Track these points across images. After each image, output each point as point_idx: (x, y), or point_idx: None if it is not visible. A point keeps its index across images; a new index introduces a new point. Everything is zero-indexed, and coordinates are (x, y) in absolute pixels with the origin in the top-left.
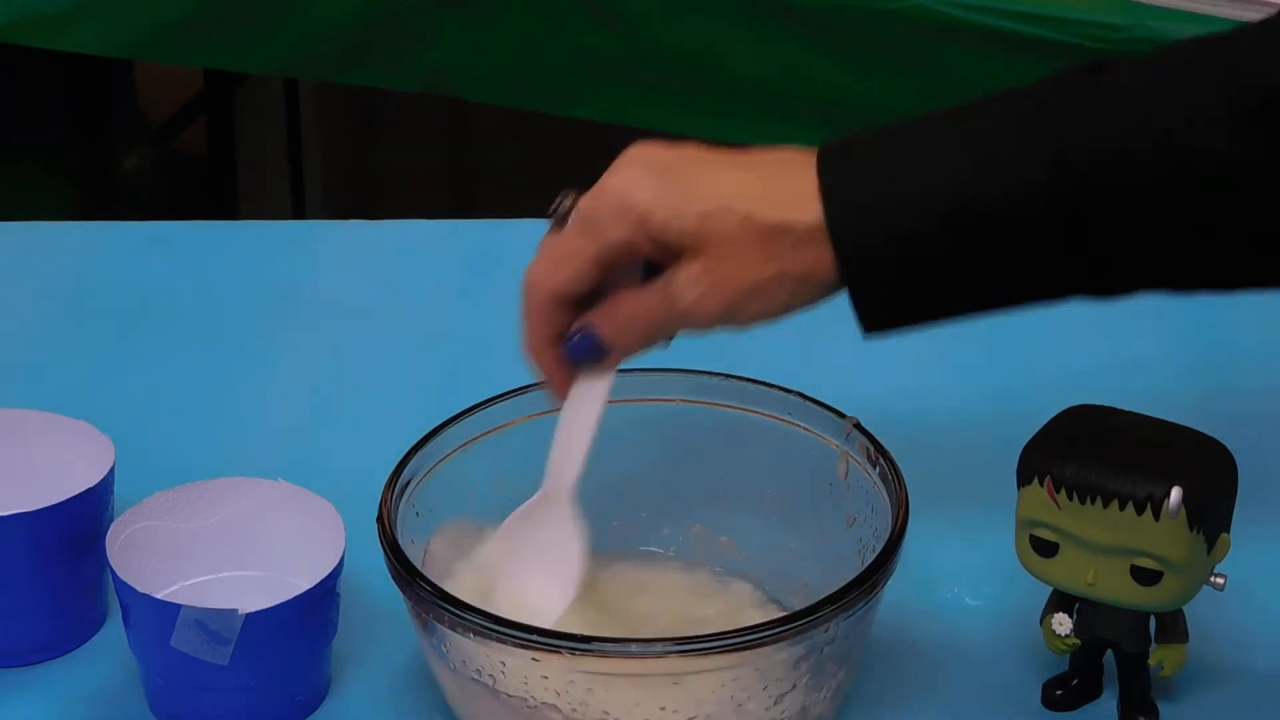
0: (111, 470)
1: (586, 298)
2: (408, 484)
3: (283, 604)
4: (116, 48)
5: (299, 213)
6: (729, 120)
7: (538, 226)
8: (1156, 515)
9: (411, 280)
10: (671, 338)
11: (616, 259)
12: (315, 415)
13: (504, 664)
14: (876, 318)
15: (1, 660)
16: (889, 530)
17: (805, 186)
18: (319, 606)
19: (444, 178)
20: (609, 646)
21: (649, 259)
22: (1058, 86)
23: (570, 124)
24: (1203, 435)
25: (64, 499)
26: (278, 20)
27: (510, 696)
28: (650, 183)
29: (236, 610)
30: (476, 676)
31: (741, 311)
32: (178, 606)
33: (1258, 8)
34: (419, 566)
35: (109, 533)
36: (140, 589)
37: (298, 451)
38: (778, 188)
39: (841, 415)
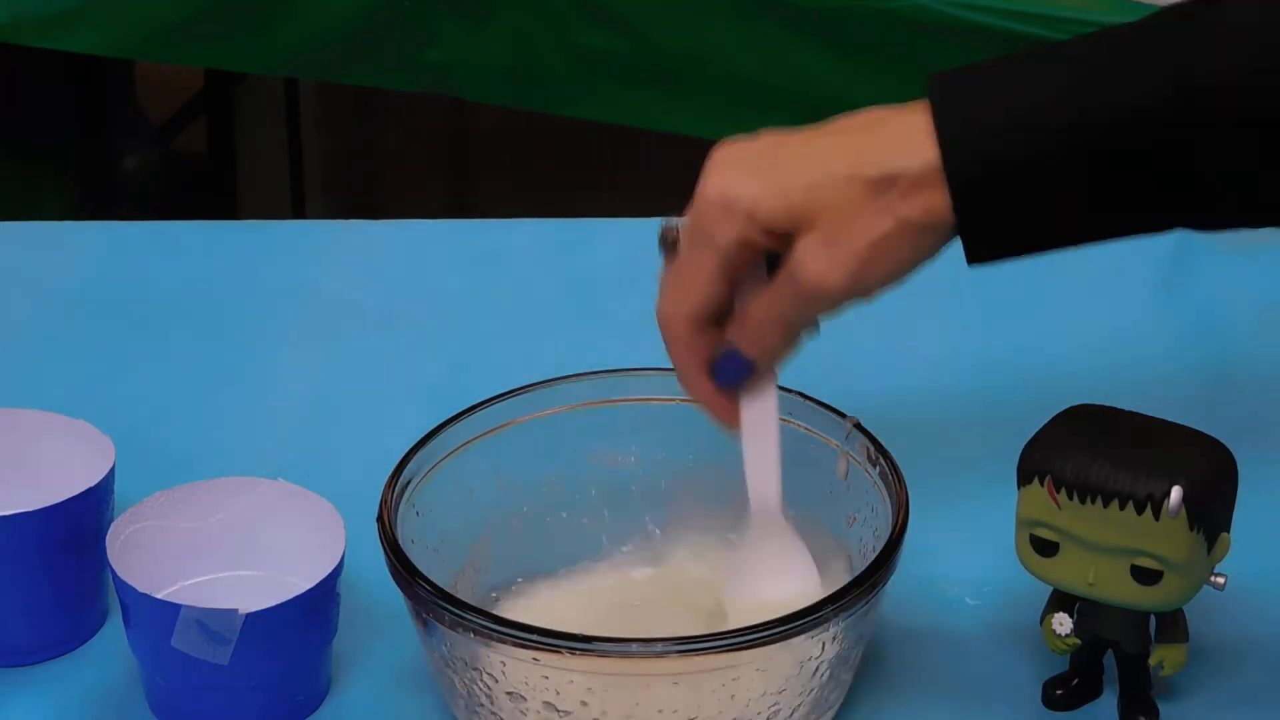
0: (111, 470)
1: (723, 314)
2: (408, 483)
3: (283, 604)
4: (116, 48)
5: (299, 212)
6: (729, 120)
7: (538, 227)
8: (1157, 515)
9: (411, 280)
10: (815, 325)
11: (737, 263)
12: (315, 415)
13: (504, 664)
14: (986, 243)
15: (1, 660)
16: (889, 530)
17: (907, 132)
18: (319, 606)
19: (444, 178)
20: (608, 646)
21: (767, 253)
22: (1172, 16)
23: (570, 124)
24: (1203, 435)
25: (64, 499)
26: (278, 20)
27: (510, 696)
28: (746, 176)
29: (237, 610)
30: (477, 677)
31: (869, 275)
32: (178, 606)
33: None
34: (420, 568)
35: (109, 533)
36: (140, 589)
37: (298, 451)
38: (874, 141)
39: (842, 415)
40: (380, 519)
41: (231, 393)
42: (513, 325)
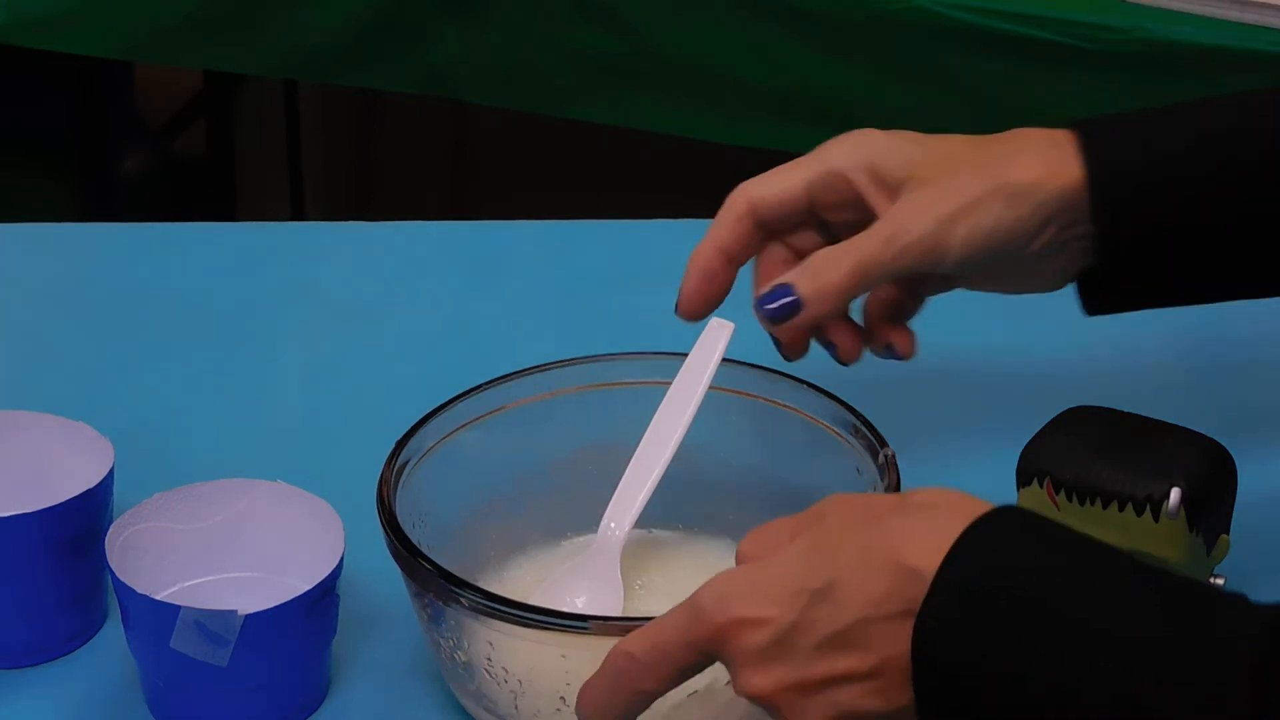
0: (111, 471)
1: (778, 229)
2: (406, 463)
3: (282, 605)
4: (116, 49)
5: (298, 214)
6: (728, 121)
7: (537, 227)
8: (1156, 516)
9: (411, 281)
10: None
11: (828, 188)
12: (315, 415)
13: (491, 644)
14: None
15: (2, 660)
16: None
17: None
18: (318, 607)
19: (444, 178)
20: (602, 624)
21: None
22: None
23: (570, 125)
24: (1202, 437)
25: (64, 500)
26: (277, 21)
27: (506, 674)
28: (891, 136)
29: (236, 611)
30: (472, 655)
31: (953, 229)
32: (177, 607)
33: (1256, 10)
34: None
35: (108, 534)
36: (140, 590)
37: (297, 451)
38: (1011, 157)
39: (883, 444)
40: (380, 495)
41: (231, 394)
42: (511, 326)
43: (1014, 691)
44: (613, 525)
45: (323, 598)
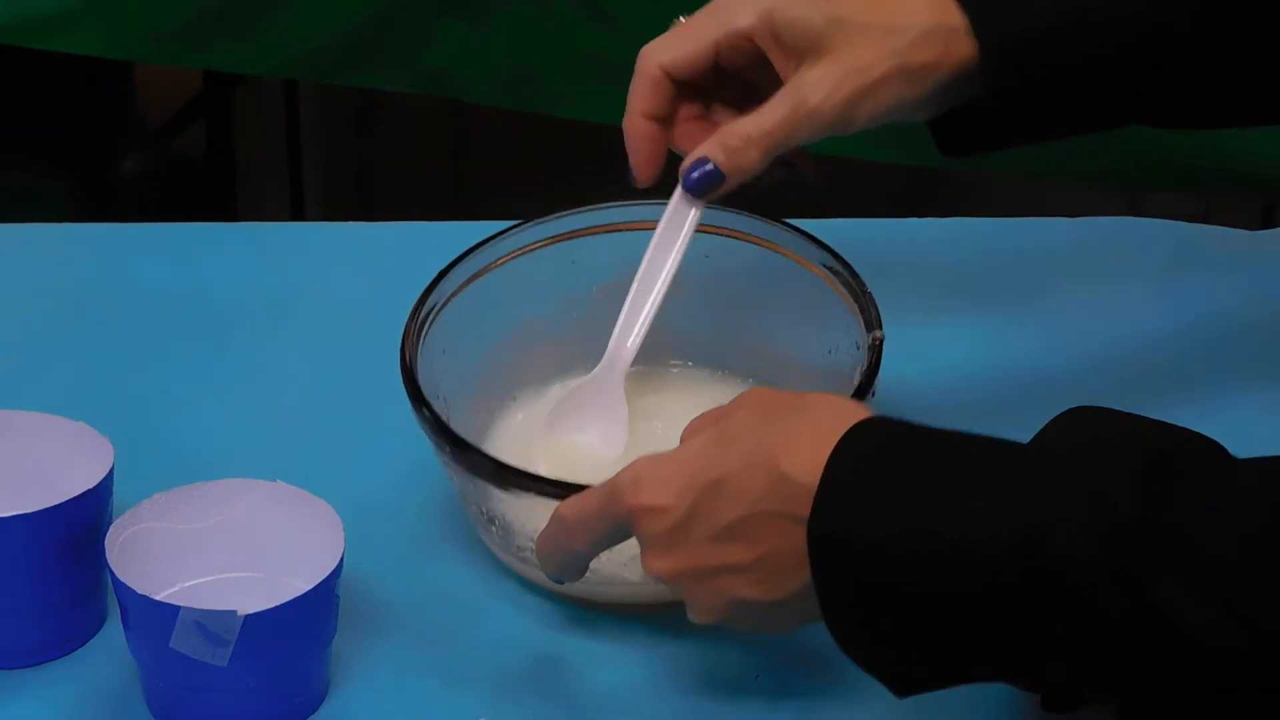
0: (111, 471)
1: (692, 89)
2: (427, 317)
3: (282, 605)
4: (116, 49)
5: (298, 214)
6: None
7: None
8: None
9: (411, 282)
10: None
11: (733, 48)
12: (315, 416)
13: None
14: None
15: (1, 660)
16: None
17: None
18: (318, 608)
19: (444, 179)
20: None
21: (755, 60)
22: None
23: (570, 126)
24: (1202, 436)
25: (64, 500)
26: (277, 22)
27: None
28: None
29: (235, 612)
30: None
31: (859, 108)
32: (177, 608)
33: None
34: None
35: (108, 534)
36: (139, 590)
37: (298, 452)
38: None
39: (877, 325)
40: (402, 355)
41: (231, 394)
42: None
43: (911, 555)
44: (617, 352)
45: (323, 598)
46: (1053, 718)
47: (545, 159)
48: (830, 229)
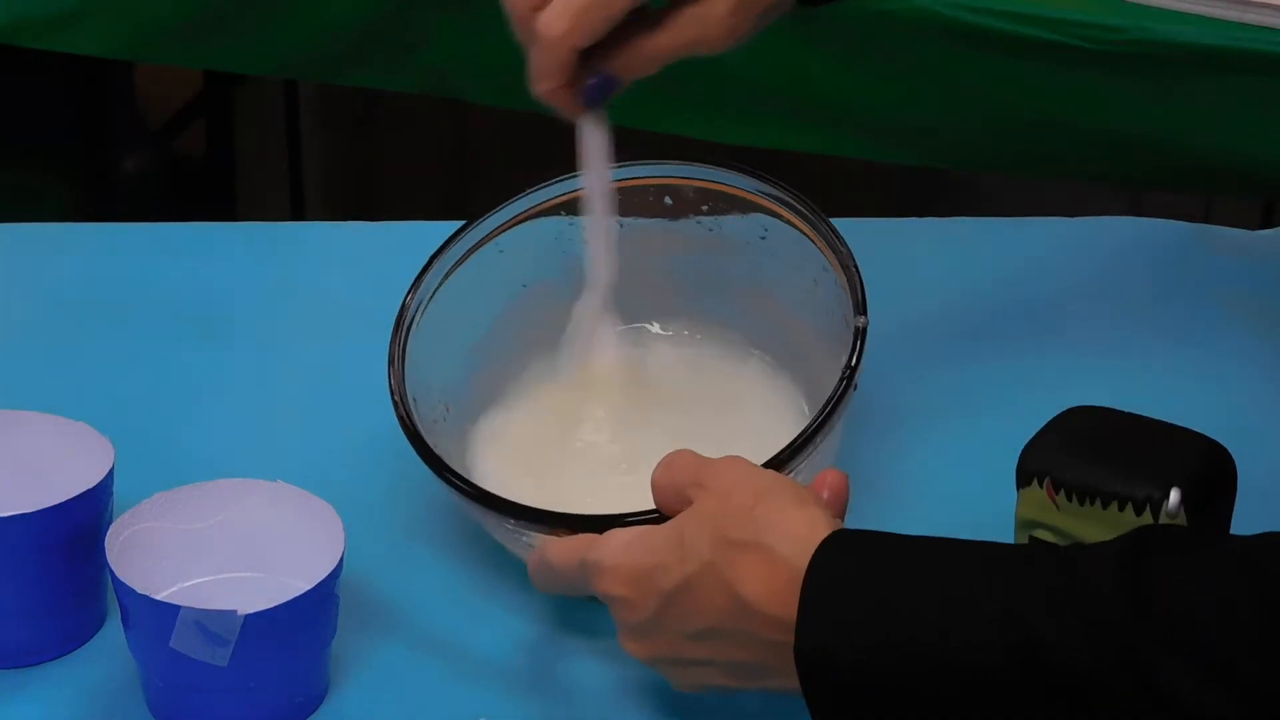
0: (111, 471)
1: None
2: (409, 328)
3: (282, 605)
4: (116, 49)
5: (298, 214)
6: (728, 120)
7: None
8: (1156, 516)
9: (411, 281)
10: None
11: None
12: (314, 416)
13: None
14: None
15: (1, 660)
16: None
17: None
18: (318, 608)
19: (443, 178)
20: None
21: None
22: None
23: (569, 125)
24: (1202, 437)
25: (64, 499)
26: (277, 22)
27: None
28: None
29: (235, 611)
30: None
31: (752, 31)
32: (177, 608)
33: (1257, 10)
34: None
35: (108, 534)
36: (139, 590)
37: (297, 453)
38: None
39: (862, 312)
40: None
41: (231, 394)
42: None
43: (901, 672)
44: (593, 279)
45: (323, 598)
46: None
47: (544, 158)
48: None
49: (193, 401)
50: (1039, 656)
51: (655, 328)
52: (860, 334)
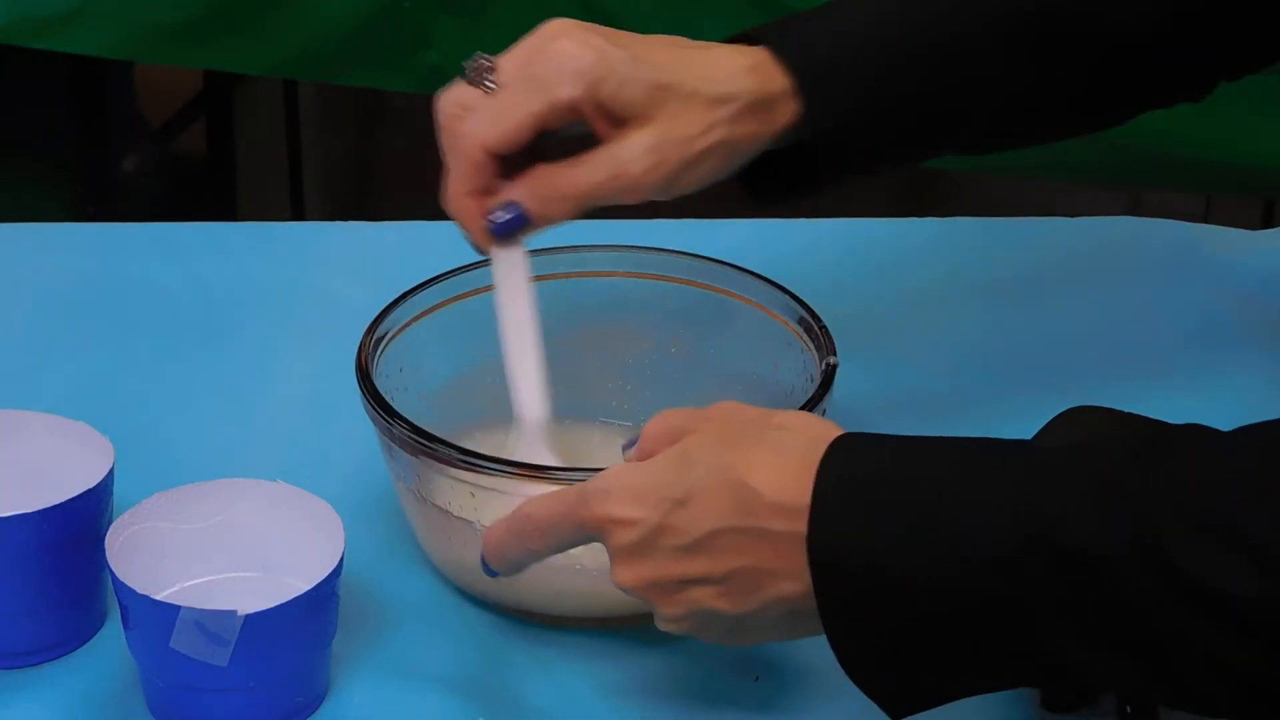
0: (111, 471)
1: (512, 159)
2: (383, 337)
3: (282, 605)
4: (116, 48)
5: (298, 214)
6: None
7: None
8: None
9: (411, 281)
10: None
11: (557, 121)
12: (315, 415)
13: (419, 475)
14: None
15: (1, 660)
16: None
17: (747, 61)
18: (318, 608)
19: (443, 179)
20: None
21: (585, 125)
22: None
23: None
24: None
25: (64, 499)
26: (277, 22)
27: (441, 510)
28: (601, 49)
29: (235, 611)
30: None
31: (679, 180)
32: (177, 608)
33: None
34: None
35: (108, 534)
36: (139, 590)
37: (298, 451)
38: (718, 64)
39: (831, 352)
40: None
41: (231, 394)
42: None
43: (912, 556)
44: (523, 415)
45: (323, 598)
46: (1053, 718)
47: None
48: (830, 229)
49: (193, 401)
50: (1058, 546)
51: (602, 421)
52: (830, 372)
